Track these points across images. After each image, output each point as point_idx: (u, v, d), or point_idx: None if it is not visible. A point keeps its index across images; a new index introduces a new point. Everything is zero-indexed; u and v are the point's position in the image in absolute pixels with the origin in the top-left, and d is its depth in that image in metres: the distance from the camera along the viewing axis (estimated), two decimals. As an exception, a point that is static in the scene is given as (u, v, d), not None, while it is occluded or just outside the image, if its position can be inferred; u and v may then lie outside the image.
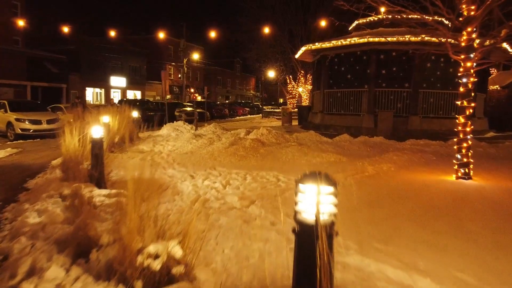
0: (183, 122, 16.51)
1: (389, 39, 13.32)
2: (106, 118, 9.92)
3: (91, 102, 38.42)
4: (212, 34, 29.14)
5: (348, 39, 14.54)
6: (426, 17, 6.72)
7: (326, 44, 15.27)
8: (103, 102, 38.85)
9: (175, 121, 17.09)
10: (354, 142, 11.41)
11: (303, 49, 16.56)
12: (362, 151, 9.86)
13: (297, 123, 20.84)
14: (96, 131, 5.36)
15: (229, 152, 8.98)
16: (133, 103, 27.20)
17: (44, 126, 14.88)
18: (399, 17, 7.27)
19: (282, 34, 32.01)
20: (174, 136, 13.59)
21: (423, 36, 12.83)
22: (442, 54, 14.33)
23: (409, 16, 7.30)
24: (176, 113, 25.67)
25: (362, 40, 13.99)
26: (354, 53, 15.36)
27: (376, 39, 13.71)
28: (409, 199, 5.22)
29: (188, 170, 7.23)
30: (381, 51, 14.61)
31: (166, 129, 15.71)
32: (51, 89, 32.70)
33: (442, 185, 6.12)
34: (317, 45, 15.61)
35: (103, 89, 40.01)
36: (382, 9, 7.84)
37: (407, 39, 13.08)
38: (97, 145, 5.34)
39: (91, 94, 39.47)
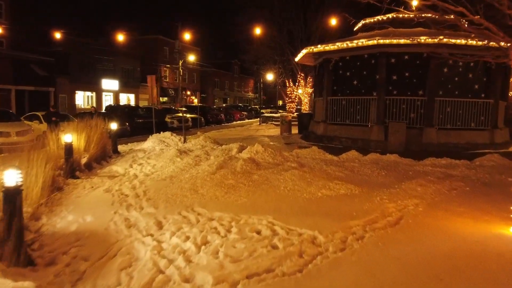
0: (170, 133, 14.88)
1: (402, 41, 11.70)
2: (68, 137, 8.27)
3: (82, 106, 36.81)
4: (209, 35, 27.57)
5: (355, 41, 12.90)
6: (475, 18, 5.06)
7: (330, 47, 13.63)
8: (94, 106, 37.16)
9: (164, 131, 15.44)
10: (365, 161, 9.77)
11: (303, 51, 14.93)
12: (376, 176, 8.20)
13: (297, 132, 19.21)
14: (11, 176, 3.70)
15: (215, 180, 7.33)
16: (120, 110, 25.61)
17: (13, 138, 13.26)
18: (432, 16, 5.61)
19: (281, 35, 30.41)
20: (158, 152, 11.96)
21: (441, 37, 11.25)
22: (460, 58, 12.72)
23: (447, 16, 5.64)
24: (168, 120, 24.06)
25: (371, 42, 12.36)
26: (361, 56, 13.73)
27: (387, 41, 12.08)
28: None
29: (157, 213, 5.59)
30: (392, 54, 12.98)
31: (151, 142, 14.09)
32: (38, 93, 31.04)
33: (502, 249, 4.36)
34: (320, 48, 13.98)
35: (94, 93, 38.37)
36: (415, 2, 6.18)
37: (423, 40, 11.48)
38: (10, 199, 3.68)
39: (82, 98, 37.81)
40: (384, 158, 10.20)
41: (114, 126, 12.40)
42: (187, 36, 30.15)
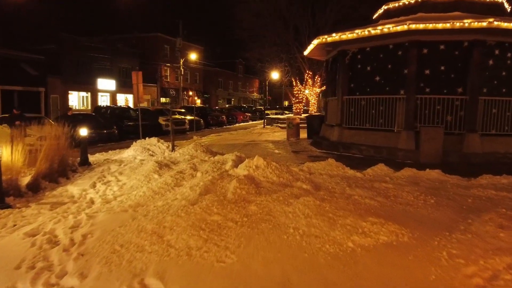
0: (157, 140, 12.59)
1: (440, 25, 9.34)
2: (-6, 151, 6.03)
3: (76, 108, 34.73)
4: (212, 33, 25.43)
5: (379, 27, 10.52)
6: None
7: (347, 35, 11.25)
8: (89, 107, 35.16)
9: (158, 135, 13.14)
10: (399, 180, 7.40)
11: (314, 42, 12.57)
12: (423, 205, 5.80)
13: (305, 136, 16.82)
14: None
15: (193, 215, 5.01)
16: (110, 112, 23.38)
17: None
18: None
19: (287, 30, 28.01)
20: (136, 164, 9.69)
21: (490, 20, 8.86)
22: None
23: None
24: (162, 122, 21.77)
25: (400, 28, 9.97)
26: (386, 47, 11.35)
27: (421, 26, 9.70)
28: None
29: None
30: (425, 44, 10.59)
31: (133, 150, 11.83)
32: (27, 93, 28.91)
33: None
34: (334, 37, 11.61)
35: (89, 93, 36.25)
36: None
37: (467, 24, 9.10)
38: None
39: (76, 98, 35.71)
40: (423, 175, 7.82)
41: (83, 132, 10.13)
42: (188, 33, 27.84)
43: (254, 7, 26.97)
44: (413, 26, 9.78)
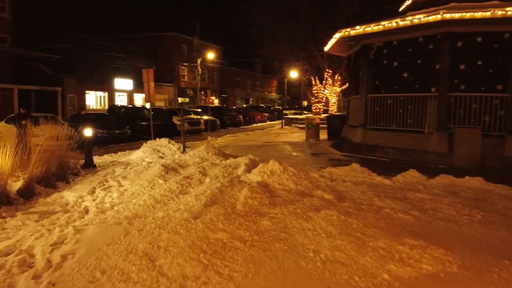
0: (168, 141, 11.93)
1: (478, 14, 8.33)
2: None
3: (93, 107, 34.64)
4: (229, 31, 24.73)
5: (408, 18, 9.55)
6: None
7: (372, 27, 10.31)
8: (106, 107, 34.93)
9: (171, 136, 12.46)
10: (435, 190, 6.45)
11: (336, 36, 11.65)
12: (468, 222, 4.85)
13: (326, 137, 15.87)
14: None
15: (194, 231, 4.23)
16: (124, 111, 22.94)
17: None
18: None
19: (301, 28, 26.95)
20: (144, 166, 8.99)
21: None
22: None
23: None
24: (177, 122, 21.14)
25: (432, 18, 8.98)
26: (415, 40, 10.35)
27: (457, 15, 8.69)
28: None
29: None
30: (460, 36, 9.56)
31: (142, 151, 11.18)
32: (44, 93, 28.78)
33: None
34: (358, 30, 10.67)
35: (106, 93, 36.09)
36: None
37: (510, 13, 8.06)
38: None
39: (94, 98, 35.60)
40: (462, 183, 6.84)
41: (88, 132, 9.50)
42: (205, 33, 27.24)
43: (270, 2, 26.10)
44: (447, 16, 8.78)
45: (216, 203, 5.34)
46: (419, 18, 9.19)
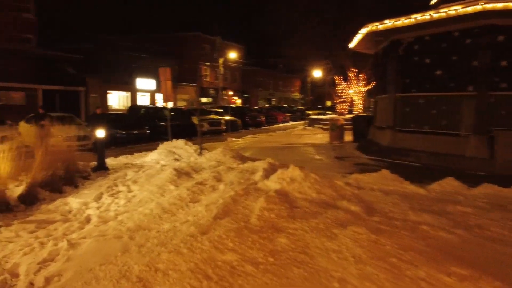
0: (184, 142, 11.46)
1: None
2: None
3: (115, 107, 34.79)
4: (252, 31, 24.26)
5: (443, 9, 8.72)
6: None
7: (403, 21, 9.52)
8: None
9: (190, 136, 11.99)
10: (478, 202, 5.66)
11: (362, 31, 10.90)
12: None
13: (351, 138, 15.07)
14: None
15: (199, 253, 3.65)
16: (145, 111, 22.72)
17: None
18: None
19: (325, 25, 26.11)
20: (157, 170, 8.51)
21: None
22: None
23: None
24: (196, 122, 20.67)
25: (471, 9, 8.14)
26: (450, 35, 9.50)
27: (499, 5, 7.83)
28: None
29: None
30: (501, 29, 8.68)
31: (157, 153, 10.76)
32: (67, 93, 28.99)
33: None
34: (387, 24, 9.90)
35: (129, 93, 36.18)
36: None
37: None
38: None
39: (116, 98, 35.75)
40: (510, 194, 6.02)
41: (100, 133, 9.09)
42: (228, 32, 26.83)
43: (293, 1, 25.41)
44: (488, 6, 7.92)
45: (228, 215, 4.76)
46: (456, 9, 8.35)
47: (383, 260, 3.48)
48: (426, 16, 9.02)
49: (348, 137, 15.34)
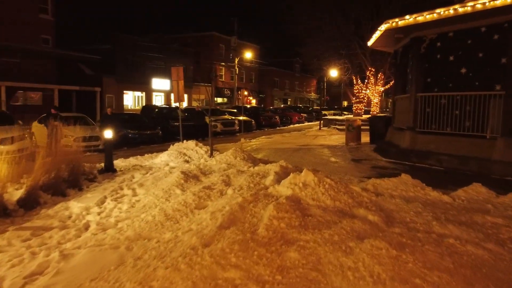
0: (195, 143, 11.15)
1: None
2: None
3: (130, 107, 34.88)
4: (268, 30, 23.87)
5: (470, 3, 8.16)
6: None
7: (425, 16, 8.98)
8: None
9: (203, 137, 11.68)
10: (509, 211, 5.15)
11: (382, 28, 10.38)
12: None
13: (368, 140, 14.54)
14: None
15: (199, 269, 3.28)
16: (158, 111, 22.57)
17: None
18: None
19: (346, 23, 25.52)
20: (165, 172, 8.21)
21: None
22: None
23: None
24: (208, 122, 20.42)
25: (500, 2, 7.56)
26: (476, 31, 8.93)
27: (532, -2, 7.24)
28: None
29: None
30: (533, 23, 8.07)
31: (167, 155, 10.49)
32: (83, 93, 29.14)
33: None
34: (408, 20, 9.37)
35: (144, 93, 36.24)
36: None
37: None
38: None
39: (131, 98, 35.85)
40: (545, 202, 5.49)
41: (108, 134, 8.84)
42: (243, 32, 26.48)
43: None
44: (519, -1, 7.34)
45: (234, 224, 4.39)
46: (483, 3, 7.79)
47: (406, 282, 3.07)
48: (450, 10, 8.48)
49: (365, 138, 14.80)
